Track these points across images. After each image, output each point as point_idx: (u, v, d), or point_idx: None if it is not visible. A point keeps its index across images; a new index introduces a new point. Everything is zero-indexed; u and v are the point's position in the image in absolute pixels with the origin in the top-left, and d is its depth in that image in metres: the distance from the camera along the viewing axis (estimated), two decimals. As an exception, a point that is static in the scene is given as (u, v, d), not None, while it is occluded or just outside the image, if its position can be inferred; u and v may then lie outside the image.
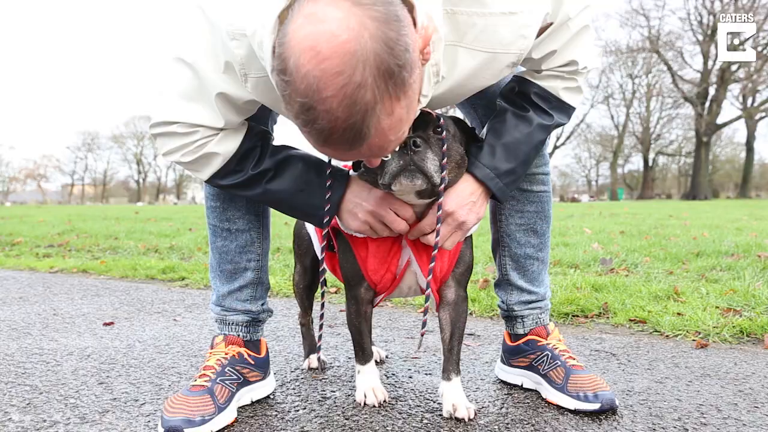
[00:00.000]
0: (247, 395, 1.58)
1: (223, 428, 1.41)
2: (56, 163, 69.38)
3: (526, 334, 1.70)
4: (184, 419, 1.36)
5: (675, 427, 1.39)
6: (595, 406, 1.45)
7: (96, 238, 7.04)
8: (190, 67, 1.27)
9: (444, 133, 1.32)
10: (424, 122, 1.32)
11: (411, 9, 1.02)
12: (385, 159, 1.23)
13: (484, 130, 1.46)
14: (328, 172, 1.40)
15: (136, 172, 69.64)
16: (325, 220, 1.40)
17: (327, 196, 1.38)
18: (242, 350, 1.59)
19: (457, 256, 1.50)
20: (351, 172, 1.46)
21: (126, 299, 3.27)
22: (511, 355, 1.72)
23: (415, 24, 1.01)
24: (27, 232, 8.06)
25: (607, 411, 1.46)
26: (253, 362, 1.61)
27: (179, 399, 1.41)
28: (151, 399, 1.61)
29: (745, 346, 2.15)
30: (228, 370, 1.53)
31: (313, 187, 1.39)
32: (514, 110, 1.41)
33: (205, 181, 1.47)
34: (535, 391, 1.65)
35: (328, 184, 1.39)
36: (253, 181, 1.39)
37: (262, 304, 1.67)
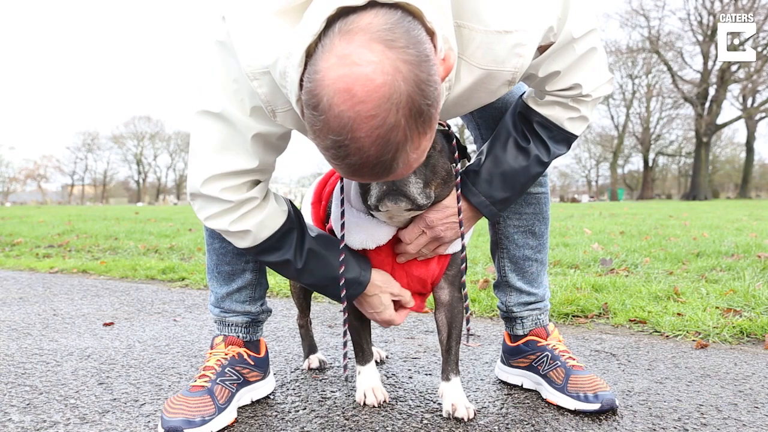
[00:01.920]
0: (247, 395, 1.58)
1: (223, 428, 1.41)
2: (56, 164, 69.42)
3: (525, 335, 1.70)
4: (184, 420, 1.36)
5: (675, 427, 1.39)
6: (595, 406, 1.46)
7: (96, 239, 7.04)
8: (218, 117, 1.26)
9: (430, 150, 1.32)
10: None
11: (432, 36, 1.02)
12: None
13: (484, 148, 1.47)
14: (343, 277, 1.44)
15: (136, 173, 69.66)
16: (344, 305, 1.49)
17: (344, 293, 1.44)
18: (242, 350, 1.60)
19: (448, 259, 1.50)
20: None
21: (126, 299, 3.27)
22: (511, 356, 1.73)
23: (435, 49, 1.01)
24: (27, 233, 8.06)
25: (607, 411, 1.47)
26: (252, 362, 1.61)
27: (179, 399, 1.42)
28: (151, 399, 1.61)
29: (745, 346, 2.15)
30: (228, 370, 1.54)
31: (335, 286, 1.44)
32: (516, 138, 1.41)
33: (252, 251, 1.44)
34: (535, 391, 1.65)
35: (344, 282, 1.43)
36: (287, 264, 1.42)
37: (262, 305, 1.66)
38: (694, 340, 2.21)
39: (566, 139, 1.41)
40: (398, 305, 1.53)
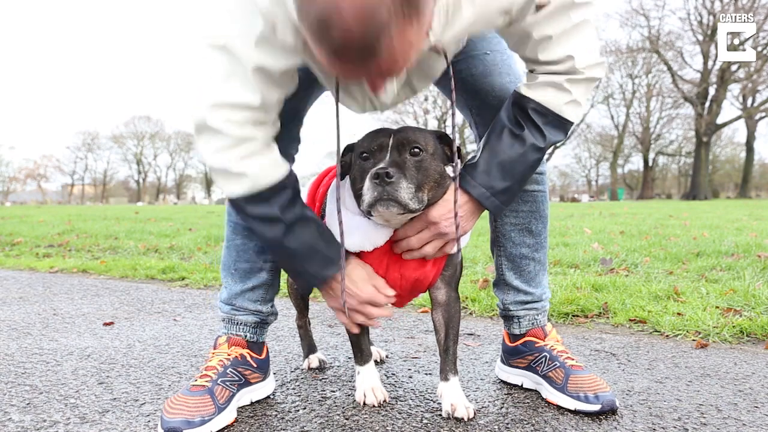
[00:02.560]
0: (246, 396, 1.58)
1: (223, 428, 1.41)
2: (56, 163, 69.41)
3: (523, 335, 1.70)
4: (183, 420, 1.36)
5: (675, 427, 1.39)
6: (596, 407, 1.46)
7: (96, 238, 7.04)
8: (222, 49, 1.27)
9: (422, 154, 1.34)
10: (401, 144, 1.34)
11: None
12: (364, 187, 1.27)
13: (481, 143, 1.47)
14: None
15: (136, 172, 69.67)
16: (311, 286, 1.51)
17: (324, 271, 1.41)
18: (245, 352, 1.60)
19: (444, 259, 1.51)
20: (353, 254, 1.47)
21: (126, 299, 3.27)
22: (511, 356, 1.73)
23: None
24: (27, 232, 8.06)
25: (608, 412, 1.47)
26: (255, 365, 1.61)
27: (179, 399, 1.42)
28: (151, 399, 1.61)
29: (745, 346, 2.15)
30: (230, 371, 1.54)
31: (317, 255, 1.41)
32: (510, 128, 1.41)
33: (232, 202, 1.44)
34: (535, 391, 1.65)
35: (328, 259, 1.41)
36: (275, 220, 1.38)
37: (271, 306, 1.67)
38: (694, 340, 2.21)
39: (562, 125, 1.41)
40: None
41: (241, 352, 1.59)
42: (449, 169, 1.44)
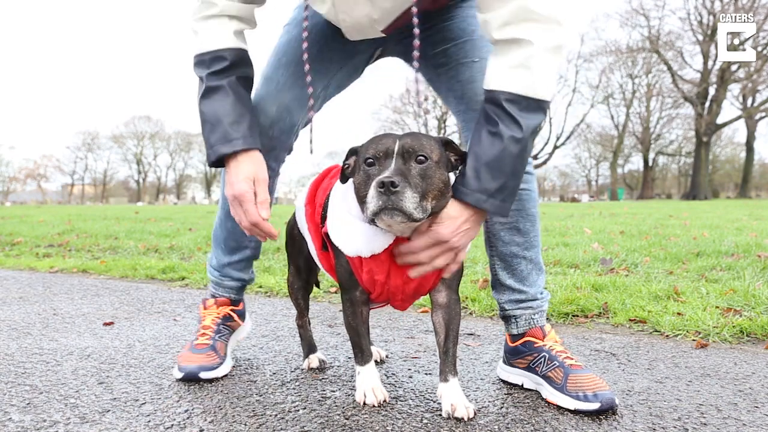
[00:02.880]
0: (233, 341, 1.98)
1: (223, 421, 1.41)
2: (56, 163, 69.41)
3: (522, 335, 1.72)
4: (199, 366, 1.74)
5: (675, 427, 1.39)
6: (595, 405, 1.46)
7: (96, 238, 7.04)
8: None
9: (427, 162, 1.33)
10: (407, 151, 1.33)
11: None
12: (368, 195, 1.28)
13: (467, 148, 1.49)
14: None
15: (136, 172, 69.67)
16: (209, 161, 1.60)
17: (217, 148, 1.55)
18: (229, 310, 1.97)
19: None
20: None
21: (126, 299, 3.27)
22: (512, 356, 1.74)
23: None
24: (27, 232, 8.06)
25: (607, 411, 1.47)
26: (236, 316, 1.99)
27: (190, 355, 1.78)
28: (151, 399, 1.61)
29: (745, 346, 2.15)
30: (221, 327, 1.92)
31: (220, 127, 1.55)
32: (486, 127, 1.41)
33: (194, 60, 1.61)
34: (535, 391, 1.65)
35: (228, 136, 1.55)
36: (200, 82, 1.58)
37: (251, 272, 2.02)
38: (694, 340, 2.21)
39: (538, 106, 1.40)
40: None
41: (227, 310, 1.96)
42: (452, 176, 1.45)
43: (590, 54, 47.02)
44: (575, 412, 1.49)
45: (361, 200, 1.36)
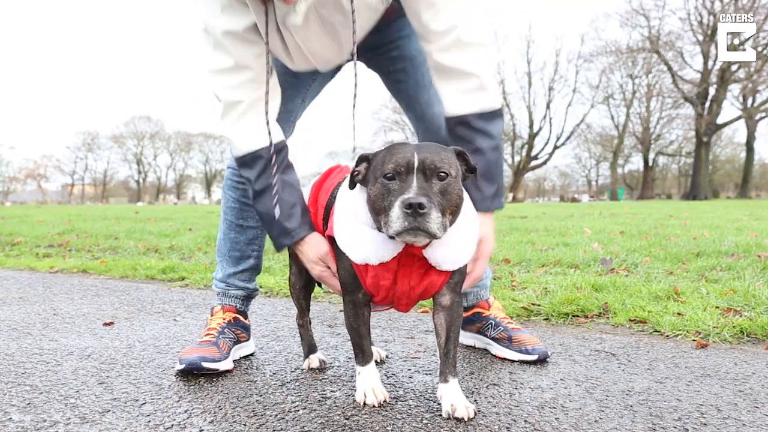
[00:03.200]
0: (237, 352, 1.99)
1: (223, 421, 1.41)
2: (56, 163, 69.32)
3: (472, 307, 2.09)
4: (200, 357, 1.78)
5: (675, 427, 1.39)
6: (534, 357, 1.91)
7: (96, 238, 7.04)
8: (204, 31, 1.60)
9: (447, 178, 1.34)
10: (427, 167, 1.32)
11: None
12: (392, 214, 1.30)
13: None
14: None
15: (136, 172, 69.62)
16: (276, 250, 1.74)
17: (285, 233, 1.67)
18: (236, 315, 2.03)
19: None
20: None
21: (126, 299, 3.27)
22: (464, 324, 2.12)
23: None
24: (27, 232, 8.06)
25: (543, 360, 1.92)
26: (243, 326, 2.03)
27: (193, 349, 1.83)
28: (151, 399, 1.61)
29: (745, 346, 2.15)
30: (226, 330, 1.96)
31: (276, 224, 1.66)
32: (468, 147, 1.61)
33: (235, 161, 1.72)
34: (536, 390, 1.66)
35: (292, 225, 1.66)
36: (249, 183, 1.70)
37: (255, 283, 2.12)
38: (694, 340, 2.21)
39: (497, 114, 1.66)
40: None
41: (234, 316, 2.02)
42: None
43: (590, 54, 46.97)
44: (519, 362, 1.93)
45: (377, 212, 1.37)
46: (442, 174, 1.33)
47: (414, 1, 1.58)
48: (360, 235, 1.43)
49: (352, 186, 1.47)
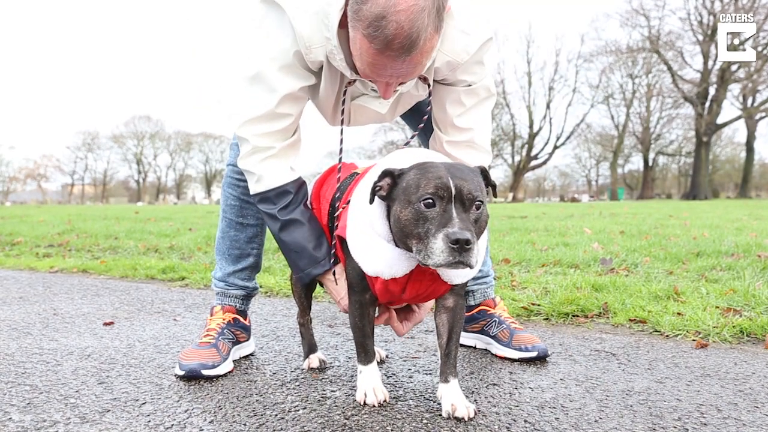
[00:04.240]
0: (237, 352, 1.99)
1: (223, 421, 1.41)
2: (56, 163, 69.28)
3: (478, 305, 2.10)
4: (200, 363, 1.77)
5: (675, 427, 1.39)
6: (533, 354, 1.93)
7: (96, 238, 7.04)
8: (254, 77, 1.63)
9: (482, 207, 1.36)
10: (465, 197, 1.32)
11: None
12: (435, 246, 1.28)
13: None
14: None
15: (136, 172, 69.59)
16: (302, 282, 1.77)
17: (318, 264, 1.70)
18: (236, 316, 2.03)
19: None
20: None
21: (126, 299, 3.27)
22: (467, 323, 2.12)
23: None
24: (27, 232, 8.06)
25: (543, 358, 1.94)
26: (242, 327, 2.03)
27: (192, 351, 1.83)
28: (151, 399, 1.61)
29: (745, 346, 2.15)
30: (226, 331, 1.96)
31: (305, 253, 1.70)
32: None
33: (253, 197, 1.77)
34: (536, 390, 1.66)
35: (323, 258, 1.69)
36: (274, 218, 1.72)
37: (254, 282, 2.10)
38: (694, 340, 2.21)
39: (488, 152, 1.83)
40: (404, 316, 1.68)
41: (233, 316, 2.01)
42: None
43: (590, 54, 46.97)
44: (519, 362, 1.94)
45: (406, 235, 1.35)
46: (478, 203, 1.34)
47: (446, 96, 1.73)
48: (375, 248, 1.43)
49: (372, 200, 1.43)
